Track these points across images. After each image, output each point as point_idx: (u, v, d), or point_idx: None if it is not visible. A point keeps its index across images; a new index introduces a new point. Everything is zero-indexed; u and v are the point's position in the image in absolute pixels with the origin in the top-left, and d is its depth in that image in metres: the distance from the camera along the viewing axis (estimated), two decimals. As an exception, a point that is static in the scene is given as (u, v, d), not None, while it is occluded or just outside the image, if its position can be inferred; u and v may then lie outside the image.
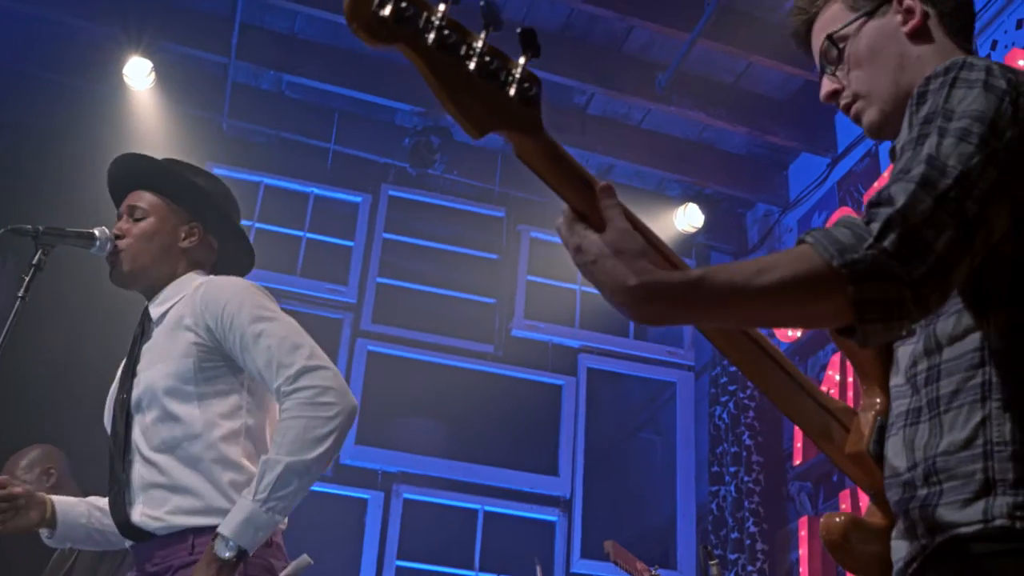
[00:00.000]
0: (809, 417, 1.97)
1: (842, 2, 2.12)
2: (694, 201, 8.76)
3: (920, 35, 2.03)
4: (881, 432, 1.90)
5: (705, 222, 8.72)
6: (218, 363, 3.06)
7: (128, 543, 3.02)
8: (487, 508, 8.41)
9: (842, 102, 2.11)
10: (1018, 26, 6.31)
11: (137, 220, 3.22)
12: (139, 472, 2.97)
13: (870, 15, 2.08)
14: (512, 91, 1.68)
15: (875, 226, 1.60)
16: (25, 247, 3.14)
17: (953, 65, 1.79)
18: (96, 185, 3.39)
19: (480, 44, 1.65)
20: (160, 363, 3.04)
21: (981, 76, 1.75)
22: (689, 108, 8.01)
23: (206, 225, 3.32)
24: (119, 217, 3.27)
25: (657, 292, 1.63)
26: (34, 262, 3.08)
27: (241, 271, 3.41)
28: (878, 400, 1.95)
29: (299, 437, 2.82)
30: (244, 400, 3.08)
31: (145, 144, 7.11)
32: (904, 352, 1.89)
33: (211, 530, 2.81)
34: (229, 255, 3.40)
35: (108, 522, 3.14)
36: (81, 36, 7.69)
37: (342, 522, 7.99)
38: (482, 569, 8.12)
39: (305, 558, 2.90)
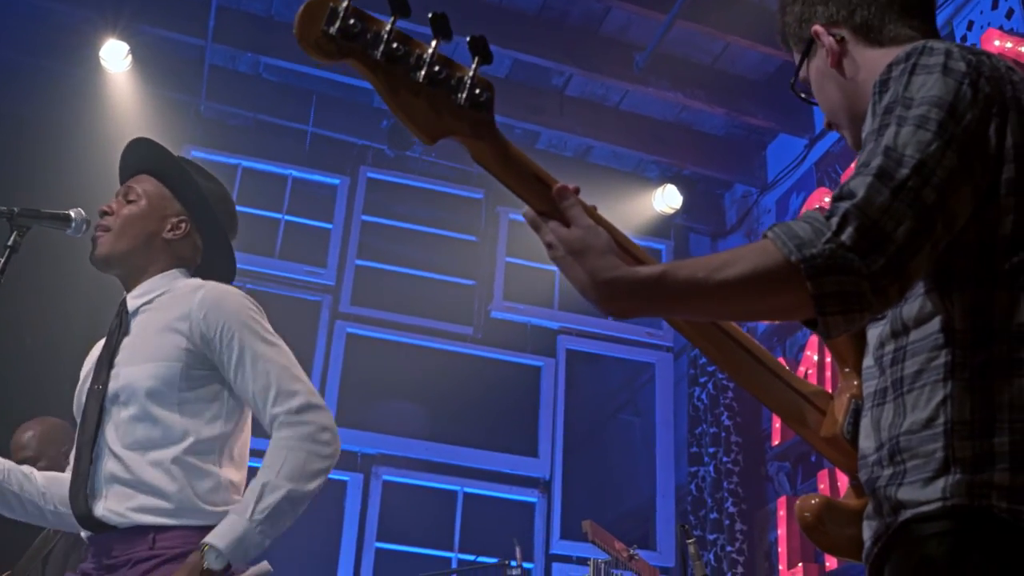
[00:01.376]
0: (782, 402, 1.98)
1: (794, 47, 2.24)
2: (672, 182, 8.77)
3: (845, 63, 2.08)
4: (856, 415, 1.92)
5: (683, 203, 8.73)
6: (204, 371, 3.02)
7: (84, 533, 2.99)
8: (466, 490, 8.43)
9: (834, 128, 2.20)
10: (994, 6, 6.33)
11: (129, 202, 3.20)
12: (107, 466, 2.93)
13: (807, 57, 2.18)
14: (463, 97, 1.73)
15: (834, 220, 1.62)
16: (0, 229, 3.12)
17: (914, 51, 1.80)
18: (73, 167, 3.38)
19: (429, 54, 1.71)
20: (145, 362, 3.00)
21: (940, 60, 1.77)
22: (667, 89, 8.02)
23: (196, 223, 3.27)
24: (116, 194, 3.24)
25: (622, 288, 1.69)
26: (9, 243, 3.04)
27: (223, 277, 3.38)
28: (854, 383, 1.97)
29: (300, 467, 2.86)
30: (224, 411, 3.05)
31: (122, 127, 7.07)
32: (873, 334, 1.90)
33: (173, 530, 2.84)
34: (213, 263, 3.36)
35: (54, 500, 3.14)
36: (57, 19, 7.65)
37: (321, 504, 7.92)
38: (462, 550, 8.14)
39: (265, 564, 2.91)
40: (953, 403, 1.69)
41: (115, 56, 7.49)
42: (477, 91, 1.74)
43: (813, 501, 1.92)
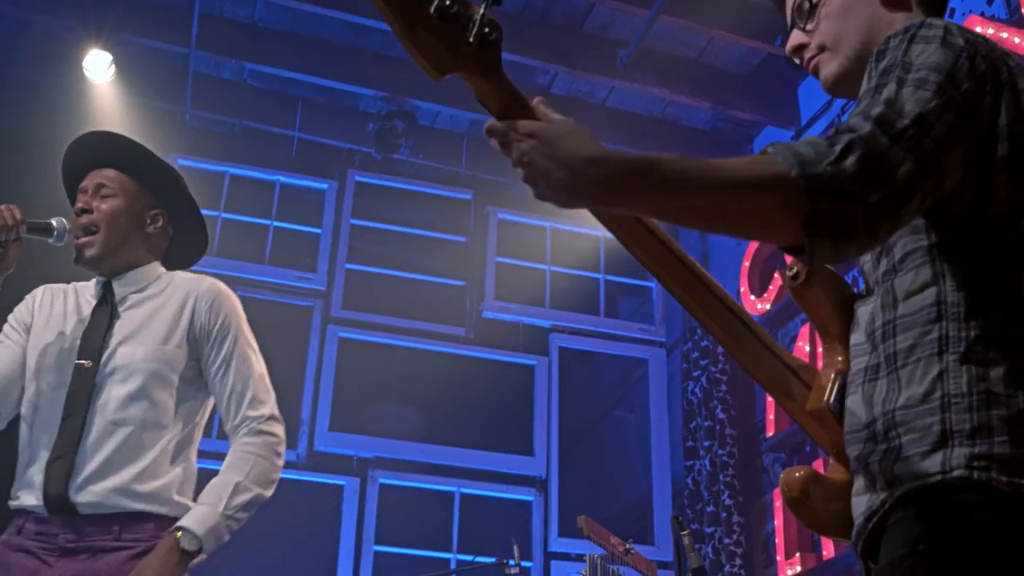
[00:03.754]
0: (770, 373, 1.98)
1: None
2: (660, 177, 8.76)
3: (896, 2, 2.04)
4: (842, 389, 1.92)
5: (672, 198, 8.72)
6: (195, 362, 3.10)
7: (31, 503, 2.93)
8: (463, 490, 8.44)
9: (806, 55, 2.13)
10: (976, -7, 6.34)
11: (104, 197, 3.19)
12: (94, 441, 2.93)
13: None
14: (472, 35, 1.72)
15: (837, 148, 1.61)
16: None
17: (912, 25, 1.82)
18: (57, 179, 3.35)
19: None
20: (149, 343, 3.04)
21: (939, 33, 1.78)
22: (652, 85, 8.02)
23: (168, 213, 3.30)
24: (82, 192, 3.22)
25: (612, 167, 1.63)
26: None
27: (189, 262, 3.40)
28: (839, 358, 1.96)
29: (264, 475, 3.01)
30: (200, 404, 3.14)
31: (107, 137, 7.05)
32: (864, 311, 1.90)
33: (140, 520, 2.88)
34: (182, 245, 3.38)
35: None
36: (39, 30, 7.64)
37: (318, 509, 7.99)
38: (460, 551, 8.14)
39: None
40: (949, 377, 1.69)
41: (99, 66, 7.47)
42: (487, 30, 1.73)
43: (798, 474, 1.89)
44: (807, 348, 7.11)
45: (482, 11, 1.74)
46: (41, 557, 2.88)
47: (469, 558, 7.20)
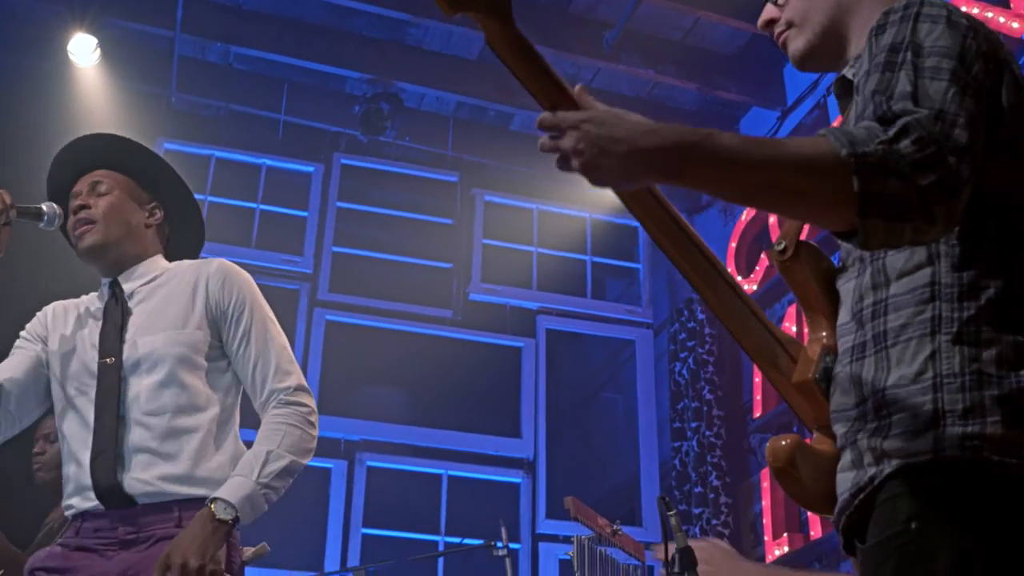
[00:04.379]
0: (758, 342, 1.98)
1: None
2: (647, 159, 8.75)
3: None
4: (827, 367, 1.92)
5: (658, 180, 8.71)
6: (218, 342, 3.10)
7: (86, 504, 2.94)
8: (451, 473, 8.45)
9: (776, 30, 2.14)
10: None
11: (101, 195, 3.18)
12: (132, 435, 2.93)
13: None
14: None
15: (892, 130, 1.61)
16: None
17: (912, 2, 1.81)
18: (44, 164, 3.33)
19: None
20: (168, 330, 3.03)
21: (943, 13, 1.78)
22: (638, 66, 8.02)
23: (164, 207, 3.29)
24: (74, 196, 3.21)
25: (670, 133, 1.65)
26: None
27: (189, 255, 3.40)
28: (824, 334, 1.96)
29: (298, 443, 2.97)
30: (233, 382, 3.13)
31: (93, 121, 7.04)
32: (848, 288, 1.90)
33: (196, 502, 2.85)
34: (180, 240, 3.38)
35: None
36: (23, 13, 7.60)
37: (306, 492, 7.98)
38: (448, 533, 8.16)
39: (264, 546, 2.95)
40: (941, 357, 1.69)
41: (84, 50, 7.43)
42: None
43: (784, 443, 1.87)
44: (794, 328, 7.13)
45: None
46: (101, 552, 2.88)
47: (457, 540, 7.22)
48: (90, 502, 2.92)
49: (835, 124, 1.85)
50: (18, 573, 4.59)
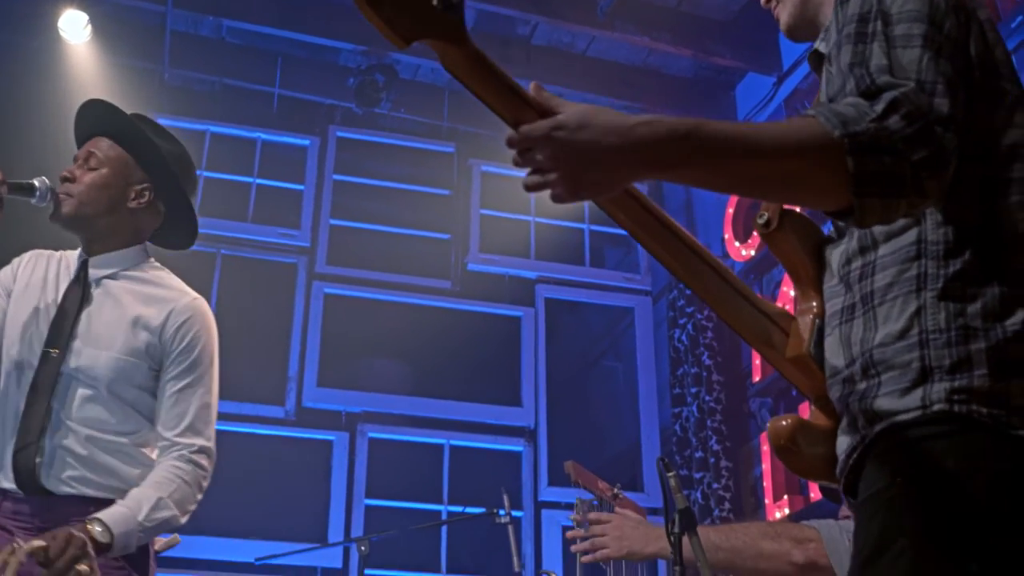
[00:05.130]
0: (749, 323, 1.98)
1: None
2: (643, 126, 8.73)
3: None
4: (820, 334, 1.92)
5: (655, 147, 8.69)
6: (155, 370, 3.12)
7: (10, 487, 2.97)
8: (452, 442, 8.47)
9: (772, 3, 2.16)
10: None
11: (91, 169, 3.17)
12: (60, 437, 2.98)
13: None
14: None
15: (879, 106, 1.61)
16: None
17: None
18: (36, 142, 3.34)
19: None
20: (111, 350, 3.05)
21: None
22: (633, 34, 7.99)
23: (158, 190, 3.26)
24: (75, 159, 3.21)
25: (659, 124, 1.62)
26: None
27: (180, 245, 3.39)
28: (814, 303, 1.96)
29: (184, 499, 3.00)
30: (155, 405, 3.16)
31: (85, 98, 7.00)
32: (835, 253, 1.91)
33: (110, 503, 2.89)
34: (173, 227, 3.37)
35: None
36: (13, -10, 7.57)
37: (309, 465, 8.01)
38: (450, 503, 8.18)
39: (176, 537, 3.01)
40: (927, 313, 1.70)
41: (74, 26, 7.39)
42: None
43: (784, 423, 1.89)
44: (792, 293, 7.13)
45: None
46: (15, 535, 2.90)
47: (460, 509, 7.25)
48: (10, 484, 2.97)
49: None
50: None
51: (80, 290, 3.13)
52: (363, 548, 5.29)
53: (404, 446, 8.38)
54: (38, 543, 2.63)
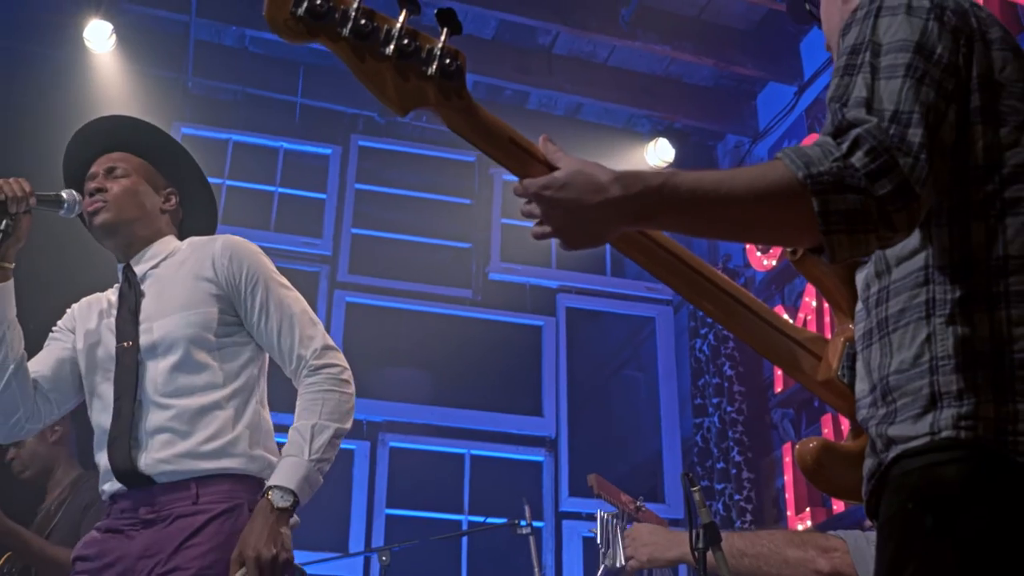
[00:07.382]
0: (778, 350, 2.03)
1: None
2: (664, 136, 8.75)
3: None
4: (851, 357, 1.94)
5: (676, 156, 8.71)
6: (234, 316, 3.12)
7: (114, 487, 3.00)
8: (473, 452, 8.47)
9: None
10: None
11: (117, 178, 3.21)
12: (150, 416, 2.98)
13: None
14: (433, 68, 1.78)
15: (845, 144, 1.65)
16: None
17: None
18: (61, 152, 3.36)
19: (397, 28, 1.76)
20: (180, 312, 3.06)
21: (904, 1, 1.79)
22: (654, 43, 8.00)
23: (179, 189, 3.34)
24: (90, 178, 3.23)
25: (632, 178, 1.72)
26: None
27: (202, 234, 3.43)
28: (849, 326, 1.99)
29: (337, 408, 3.02)
30: (254, 355, 3.16)
31: (110, 107, 7.01)
32: (860, 278, 1.92)
33: (215, 478, 2.92)
34: (193, 224, 3.42)
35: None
36: (39, 1, 7.61)
37: (329, 474, 7.96)
38: (471, 512, 8.18)
39: (295, 518, 2.99)
40: (936, 339, 1.71)
41: (99, 36, 7.44)
42: (447, 61, 1.79)
43: (811, 445, 1.94)
44: (814, 303, 7.12)
45: (441, 42, 1.79)
46: (127, 533, 2.95)
47: (480, 519, 7.24)
48: (117, 484, 2.99)
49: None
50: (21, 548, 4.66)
51: (131, 289, 3.17)
52: (384, 558, 5.29)
53: (425, 456, 8.38)
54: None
